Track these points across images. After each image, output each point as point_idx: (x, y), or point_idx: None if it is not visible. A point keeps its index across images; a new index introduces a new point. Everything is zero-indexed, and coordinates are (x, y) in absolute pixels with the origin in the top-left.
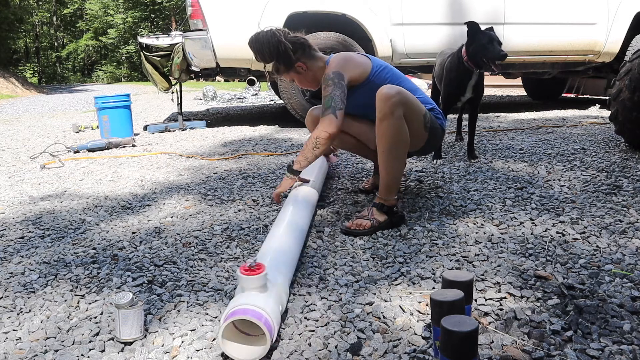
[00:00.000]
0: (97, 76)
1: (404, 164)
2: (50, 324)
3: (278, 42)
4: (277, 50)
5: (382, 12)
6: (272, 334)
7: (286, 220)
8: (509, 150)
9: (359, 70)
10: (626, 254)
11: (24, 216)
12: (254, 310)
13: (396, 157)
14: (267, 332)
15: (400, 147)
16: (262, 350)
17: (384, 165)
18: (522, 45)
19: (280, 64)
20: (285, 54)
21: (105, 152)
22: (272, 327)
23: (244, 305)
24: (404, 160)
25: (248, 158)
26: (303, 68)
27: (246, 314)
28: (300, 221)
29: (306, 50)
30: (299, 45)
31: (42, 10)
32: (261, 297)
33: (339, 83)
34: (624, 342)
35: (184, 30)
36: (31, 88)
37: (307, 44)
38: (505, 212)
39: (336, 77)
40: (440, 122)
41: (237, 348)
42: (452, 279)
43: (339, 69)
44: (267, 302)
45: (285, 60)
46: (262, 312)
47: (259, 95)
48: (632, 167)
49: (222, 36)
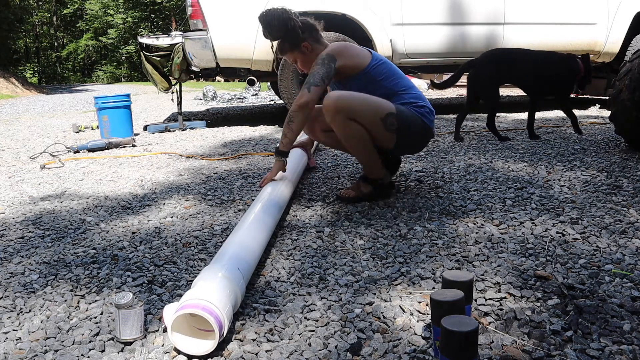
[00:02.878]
0: (97, 76)
1: (372, 151)
2: (50, 324)
3: (288, 18)
4: (286, 25)
5: (382, 12)
6: (221, 330)
7: (252, 215)
8: (509, 150)
9: (354, 61)
10: (626, 254)
11: (24, 216)
12: (205, 305)
13: (358, 149)
14: (216, 328)
15: (358, 142)
16: (211, 345)
17: (356, 157)
18: (522, 46)
19: (286, 42)
20: (293, 31)
21: (105, 152)
22: (222, 322)
23: (196, 299)
24: (371, 148)
25: (248, 158)
26: (308, 49)
27: (197, 308)
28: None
29: (313, 32)
30: (308, 26)
31: (42, 10)
32: (214, 291)
33: (327, 64)
34: (624, 342)
35: (184, 30)
36: (31, 88)
37: (315, 27)
38: (505, 212)
39: (327, 58)
40: (427, 120)
41: (186, 341)
42: (452, 279)
43: (334, 53)
44: (219, 297)
45: (293, 38)
46: (213, 307)
47: (259, 95)
48: (632, 167)
49: (222, 36)
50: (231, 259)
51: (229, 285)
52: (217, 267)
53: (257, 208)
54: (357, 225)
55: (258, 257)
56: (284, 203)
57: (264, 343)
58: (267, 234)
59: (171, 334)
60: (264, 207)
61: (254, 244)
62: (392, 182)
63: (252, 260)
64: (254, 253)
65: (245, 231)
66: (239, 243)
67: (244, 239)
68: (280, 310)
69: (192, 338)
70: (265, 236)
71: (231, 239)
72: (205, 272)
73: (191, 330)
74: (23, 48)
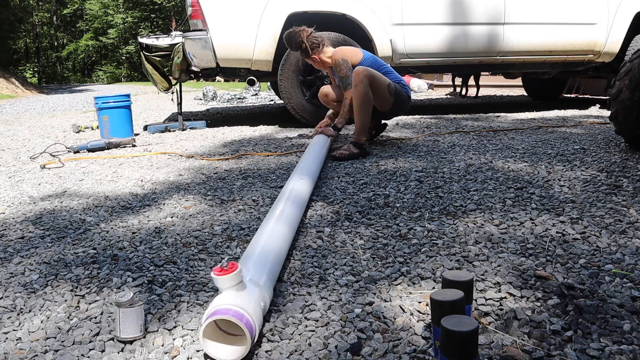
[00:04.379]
0: (97, 76)
1: (369, 115)
2: (50, 324)
3: (301, 41)
4: (300, 46)
5: (382, 12)
6: (252, 335)
7: (275, 215)
8: (509, 150)
9: (355, 58)
10: (626, 254)
11: (24, 216)
12: (235, 310)
13: (363, 109)
14: (247, 333)
15: (365, 104)
16: (244, 350)
17: (356, 115)
18: (522, 45)
19: (302, 54)
20: (305, 50)
21: (105, 152)
22: (253, 327)
23: (225, 305)
24: (369, 113)
25: (248, 158)
26: (317, 59)
27: (227, 314)
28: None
29: (320, 47)
30: (316, 44)
31: (42, 10)
32: (241, 296)
33: (349, 67)
34: (624, 342)
35: (184, 30)
36: (31, 88)
37: (323, 43)
38: (505, 212)
39: (344, 63)
40: (406, 90)
41: (217, 348)
42: (452, 279)
43: (346, 57)
44: (248, 302)
45: (305, 53)
46: (244, 313)
47: (259, 95)
48: (632, 167)
49: (222, 36)
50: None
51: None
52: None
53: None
54: (357, 225)
55: (284, 257)
56: (307, 198)
57: (264, 343)
58: (292, 232)
59: (203, 341)
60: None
61: (280, 243)
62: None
63: (278, 261)
64: (280, 253)
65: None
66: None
67: (269, 240)
68: (280, 310)
69: (220, 344)
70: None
71: (257, 239)
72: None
73: (217, 334)
74: (23, 48)
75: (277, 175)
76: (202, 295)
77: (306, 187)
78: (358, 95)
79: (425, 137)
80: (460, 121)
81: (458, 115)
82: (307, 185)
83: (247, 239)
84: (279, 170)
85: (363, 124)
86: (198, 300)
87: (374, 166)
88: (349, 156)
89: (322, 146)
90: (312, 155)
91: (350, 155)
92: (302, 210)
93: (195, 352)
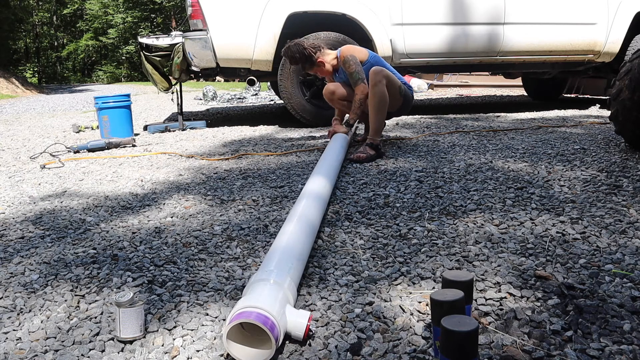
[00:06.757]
0: (97, 76)
1: (384, 116)
2: (50, 324)
3: (303, 49)
4: (304, 55)
5: (382, 12)
6: (277, 339)
7: (297, 216)
8: (509, 150)
9: (362, 55)
10: (626, 254)
11: (24, 216)
12: (259, 313)
13: (380, 110)
14: (272, 338)
15: (383, 105)
16: (268, 354)
17: (373, 116)
18: (522, 45)
19: (307, 64)
20: (309, 57)
21: (105, 152)
22: (277, 331)
23: (250, 307)
24: (385, 113)
25: (248, 158)
26: (323, 63)
27: (250, 316)
28: (311, 216)
29: (321, 50)
30: (317, 48)
31: (42, 10)
32: (268, 299)
33: (357, 62)
34: (624, 342)
35: (184, 30)
36: (31, 88)
37: (321, 47)
38: (505, 212)
39: (353, 58)
40: (411, 91)
41: (242, 350)
42: (452, 278)
43: (354, 53)
44: (273, 304)
45: (310, 61)
46: (269, 316)
47: (259, 95)
48: (632, 167)
49: (222, 36)
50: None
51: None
52: (266, 273)
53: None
54: (357, 225)
55: (306, 258)
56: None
57: None
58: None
59: (227, 343)
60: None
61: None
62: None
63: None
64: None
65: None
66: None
67: (290, 241)
68: None
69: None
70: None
71: (278, 242)
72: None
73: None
74: (23, 48)
75: (277, 175)
76: (202, 295)
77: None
78: (375, 95)
79: (425, 137)
80: (460, 121)
81: (458, 115)
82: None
83: (247, 239)
84: (279, 170)
85: (379, 124)
86: (198, 300)
87: (373, 166)
88: (366, 158)
89: (341, 146)
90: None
91: (367, 157)
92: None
93: (195, 352)
